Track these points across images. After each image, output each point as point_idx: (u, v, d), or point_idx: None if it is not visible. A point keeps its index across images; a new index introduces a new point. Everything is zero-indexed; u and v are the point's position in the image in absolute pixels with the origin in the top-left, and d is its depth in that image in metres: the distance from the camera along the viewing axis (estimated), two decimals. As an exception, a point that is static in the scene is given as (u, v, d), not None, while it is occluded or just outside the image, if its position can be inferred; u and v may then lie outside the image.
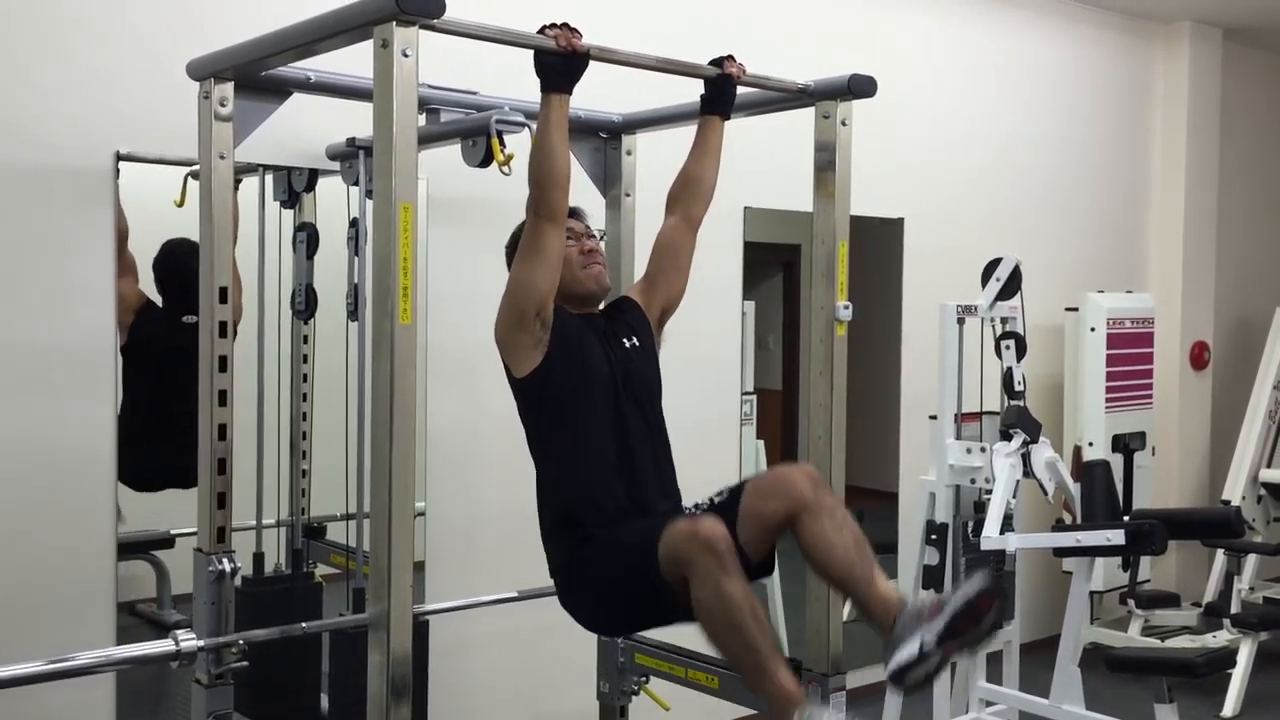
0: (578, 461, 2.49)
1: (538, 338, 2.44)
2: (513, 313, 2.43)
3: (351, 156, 3.19)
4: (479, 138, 2.64)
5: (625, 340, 2.61)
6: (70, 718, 3.10)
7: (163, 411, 3.31)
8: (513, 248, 2.56)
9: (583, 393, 2.48)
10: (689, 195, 2.74)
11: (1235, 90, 6.48)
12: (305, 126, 3.26)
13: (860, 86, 2.62)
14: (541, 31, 2.32)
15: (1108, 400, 5.37)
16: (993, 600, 2.19)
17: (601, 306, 2.71)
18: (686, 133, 2.81)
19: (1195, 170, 6.22)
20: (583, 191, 3.00)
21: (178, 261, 3.19)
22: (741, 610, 2.16)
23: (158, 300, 3.31)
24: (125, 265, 3.21)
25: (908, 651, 2.16)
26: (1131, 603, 5.42)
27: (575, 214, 2.64)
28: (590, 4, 4.00)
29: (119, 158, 3.17)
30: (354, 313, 3.20)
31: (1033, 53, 5.65)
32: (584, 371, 2.48)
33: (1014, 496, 3.82)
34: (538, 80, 2.36)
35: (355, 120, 2.84)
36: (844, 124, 2.64)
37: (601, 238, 2.85)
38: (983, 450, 3.93)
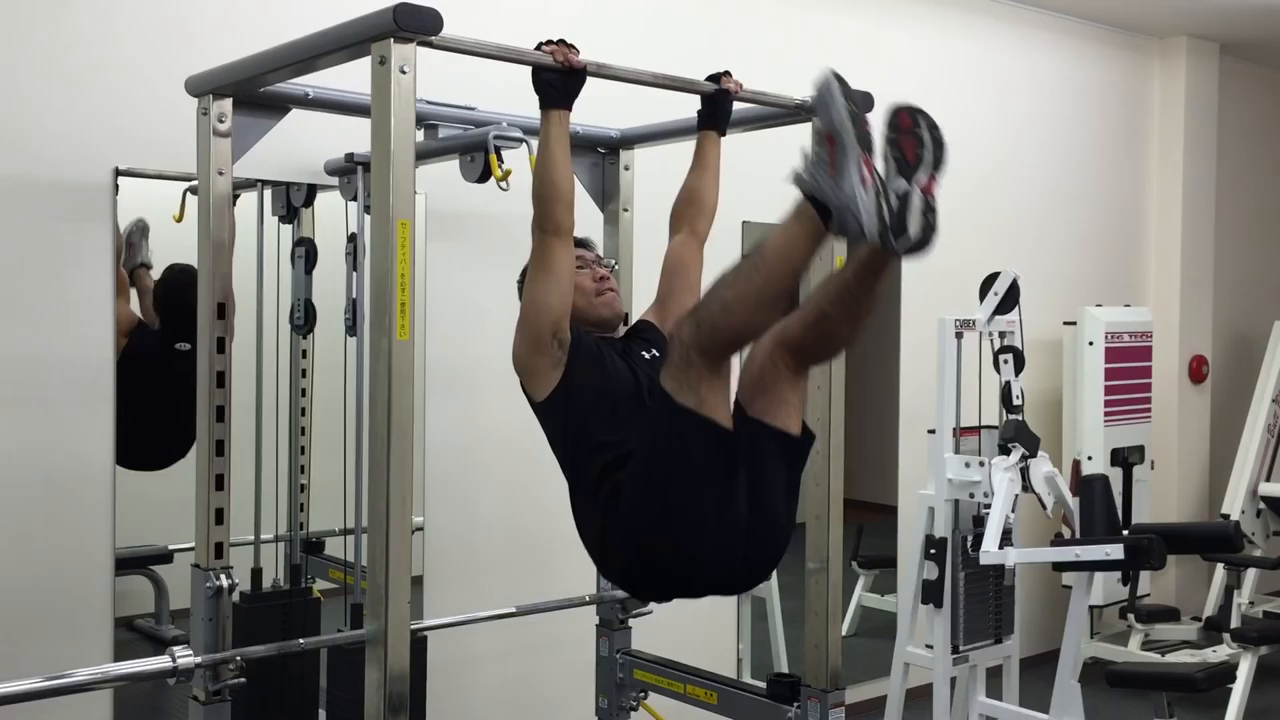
0: None
1: (556, 358, 2.37)
2: (530, 335, 2.37)
3: (350, 172, 3.20)
4: (477, 153, 2.65)
5: (645, 353, 2.56)
6: (67, 734, 3.10)
7: (152, 429, 3.33)
8: (523, 279, 2.48)
9: (608, 400, 2.41)
10: (693, 211, 2.73)
11: (1232, 105, 6.50)
12: (304, 142, 3.27)
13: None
14: (539, 48, 2.33)
15: (1106, 414, 5.37)
16: (912, 111, 1.93)
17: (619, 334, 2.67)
18: (685, 148, 2.82)
19: (1192, 184, 6.23)
20: (581, 207, 3.00)
21: (179, 288, 3.15)
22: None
23: (153, 322, 3.31)
24: (119, 284, 3.21)
25: (876, 209, 1.87)
26: (1131, 617, 5.41)
27: (585, 244, 2.62)
28: (588, 20, 4.02)
29: (118, 173, 3.18)
30: (352, 328, 3.20)
31: (1030, 67, 5.67)
32: (606, 379, 2.42)
33: (1013, 511, 3.81)
34: (536, 97, 2.37)
35: (354, 136, 2.84)
36: (841, 139, 2.64)
37: (613, 269, 2.83)
38: (981, 464, 3.92)
